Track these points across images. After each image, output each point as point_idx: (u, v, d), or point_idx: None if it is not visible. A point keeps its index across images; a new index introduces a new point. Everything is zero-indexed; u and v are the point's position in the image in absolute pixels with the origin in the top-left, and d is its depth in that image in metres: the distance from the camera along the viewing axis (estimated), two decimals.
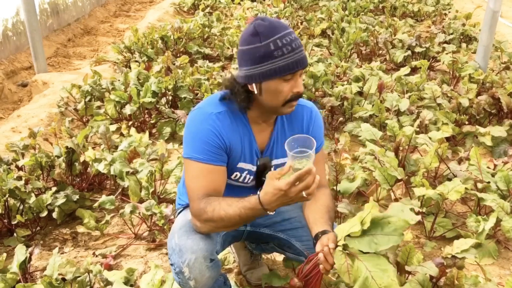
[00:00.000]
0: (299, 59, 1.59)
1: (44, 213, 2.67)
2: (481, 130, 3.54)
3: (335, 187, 2.73)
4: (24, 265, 2.23)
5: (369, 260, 1.44)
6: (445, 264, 1.89)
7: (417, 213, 2.75)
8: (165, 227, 2.61)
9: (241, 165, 1.77)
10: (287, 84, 1.61)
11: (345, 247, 1.48)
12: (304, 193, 1.47)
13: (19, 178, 2.76)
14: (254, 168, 1.81)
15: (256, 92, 1.65)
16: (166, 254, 2.53)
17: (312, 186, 1.47)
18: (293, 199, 1.49)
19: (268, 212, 1.54)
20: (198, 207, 1.64)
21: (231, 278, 2.28)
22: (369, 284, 1.39)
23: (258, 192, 1.54)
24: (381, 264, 1.42)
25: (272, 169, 1.83)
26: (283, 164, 1.84)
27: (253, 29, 1.60)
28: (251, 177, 1.83)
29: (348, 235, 1.50)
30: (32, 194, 2.68)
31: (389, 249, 1.47)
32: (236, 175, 1.80)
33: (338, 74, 5.04)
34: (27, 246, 2.33)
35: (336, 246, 1.51)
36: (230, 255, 2.42)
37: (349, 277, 1.43)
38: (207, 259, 1.65)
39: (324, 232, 1.62)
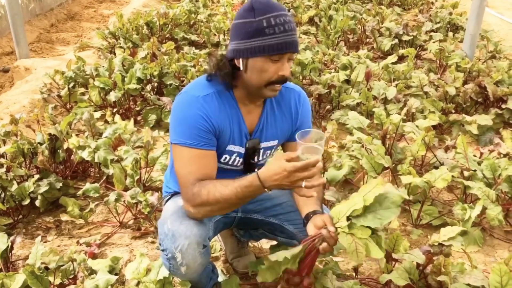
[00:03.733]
0: (290, 41, 1.56)
1: (27, 201, 2.62)
2: (468, 118, 3.56)
3: (322, 175, 2.72)
4: (5, 254, 2.18)
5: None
6: (432, 251, 1.90)
7: (404, 201, 2.77)
8: (150, 215, 2.57)
9: (230, 147, 1.75)
10: (273, 65, 1.58)
11: (349, 226, 1.48)
12: (303, 183, 1.48)
13: (0, 165, 2.70)
14: (243, 150, 1.78)
15: (242, 68, 1.62)
16: (152, 242, 2.50)
17: (314, 179, 1.48)
18: (291, 184, 1.48)
19: (265, 189, 1.51)
20: (191, 193, 1.61)
21: (218, 266, 2.27)
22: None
23: (256, 170, 1.54)
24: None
25: (261, 151, 1.82)
26: (272, 147, 1.85)
27: (250, 4, 1.58)
28: (241, 160, 1.80)
29: (351, 216, 1.50)
30: (14, 182, 2.63)
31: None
32: (226, 157, 1.77)
33: (325, 62, 5.02)
34: (9, 235, 2.30)
35: (336, 228, 1.51)
36: (216, 243, 2.40)
37: (357, 256, 1.43)
38: (200, 245, 1.64)
39: (314, 213, 1.65)
